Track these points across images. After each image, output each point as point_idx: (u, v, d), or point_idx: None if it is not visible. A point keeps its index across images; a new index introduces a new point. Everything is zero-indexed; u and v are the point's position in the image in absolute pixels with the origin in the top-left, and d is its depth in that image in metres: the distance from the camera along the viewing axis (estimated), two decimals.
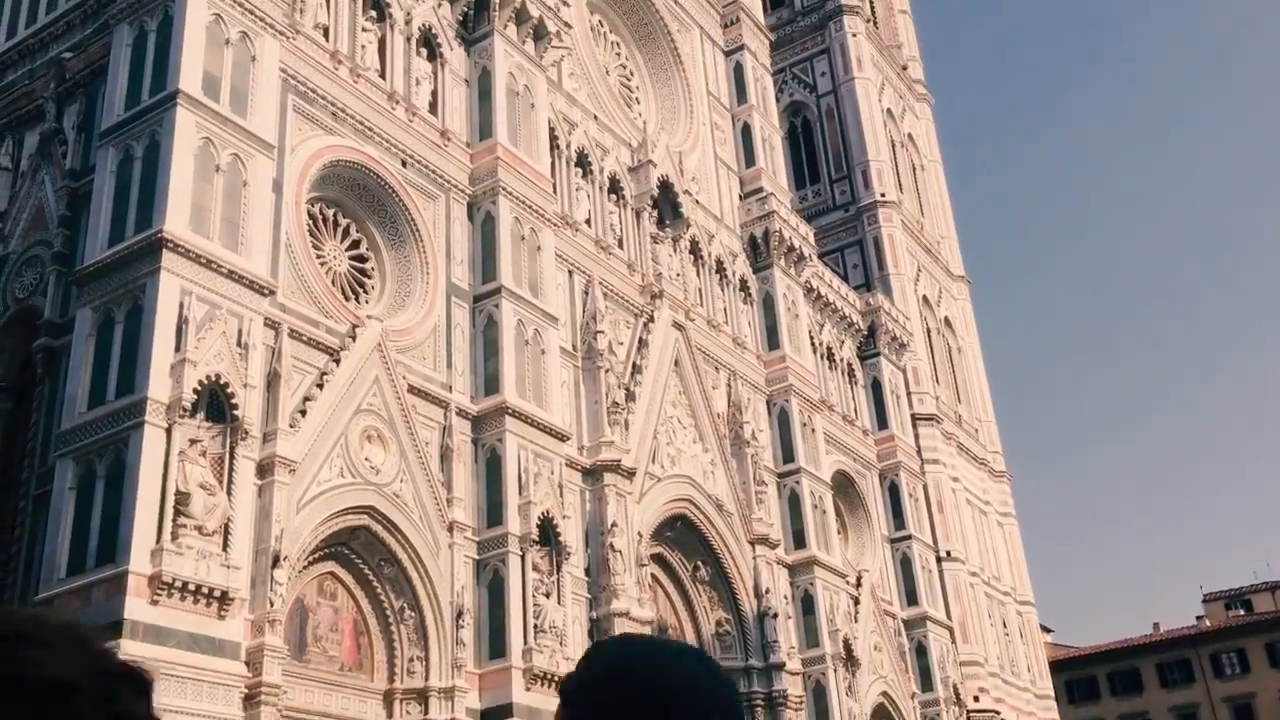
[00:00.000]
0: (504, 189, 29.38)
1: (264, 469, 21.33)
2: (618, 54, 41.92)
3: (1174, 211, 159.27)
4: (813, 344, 44.57)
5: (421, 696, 23.64)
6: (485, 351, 27.87)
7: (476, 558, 25.63)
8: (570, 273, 32.94)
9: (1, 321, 24.21)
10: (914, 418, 50.73)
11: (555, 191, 32.59)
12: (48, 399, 22.14)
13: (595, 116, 36.77)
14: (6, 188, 25.73)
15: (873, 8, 68.01)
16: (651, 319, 35.13)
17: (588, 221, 34.69)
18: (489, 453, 26.80)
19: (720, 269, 40.82)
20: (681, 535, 34.31)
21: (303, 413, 22.77)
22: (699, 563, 34.81)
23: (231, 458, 20.48)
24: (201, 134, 22.09)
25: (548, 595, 26.24)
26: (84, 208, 23.19)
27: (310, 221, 25.62)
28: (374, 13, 28.91)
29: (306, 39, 26.44)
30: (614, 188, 36.48)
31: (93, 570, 18.89)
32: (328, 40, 27.19)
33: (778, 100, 54.27)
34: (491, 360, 27.71)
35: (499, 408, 26.99)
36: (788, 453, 39.66)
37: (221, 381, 20.51)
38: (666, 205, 38.22)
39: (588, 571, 29.17)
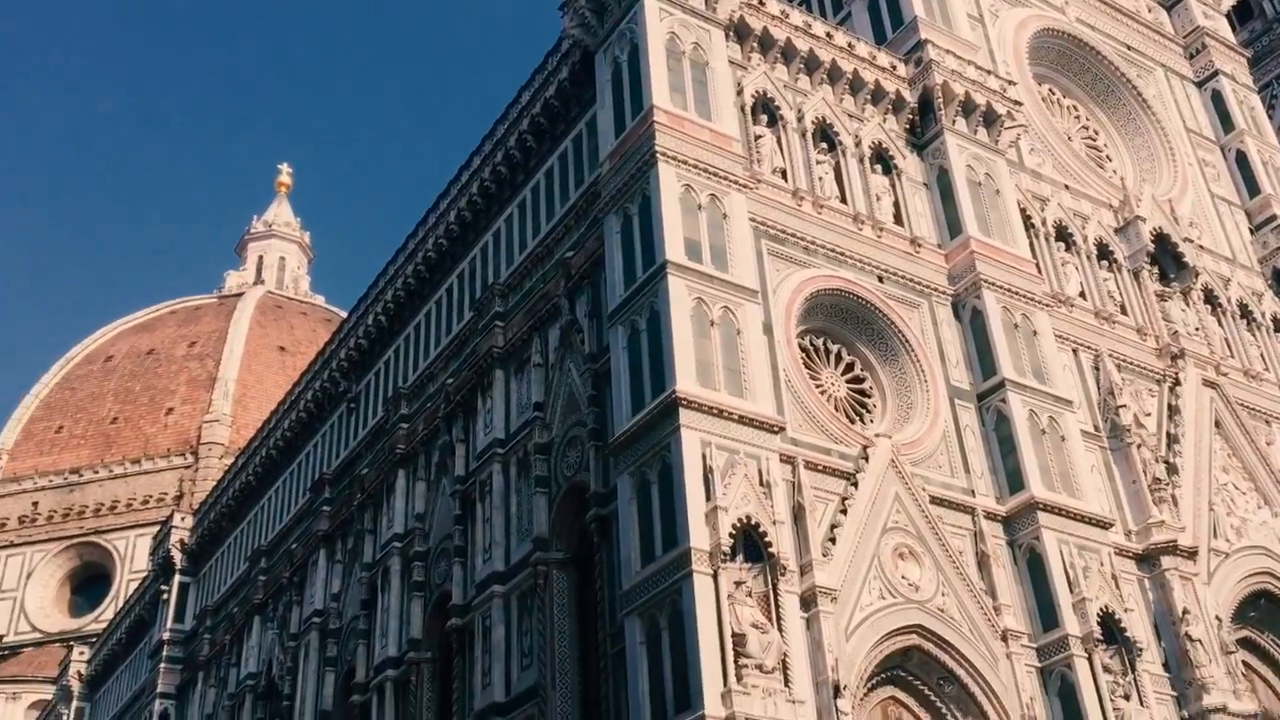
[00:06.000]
0: (986, 281, 28.69)
1: (807, 601, 21.77)
2: (1076, 117, 39.98)
3: None
4: None
5: None
6: (1001, 449, 26.91)
7: (1039, 665, 24.30)
8: (1075, 351, 31.18)
9: (557, 499, 27.00)
10: None
11: (1039, 272, 31.25)
12: (606, 563, 24.20)
13: (1066, 186, 35.11)
14: (541, 381, 29.01)
15: None
16: (1177, 382, 32.29)
17: (1081, 295, 32.82)
18: (1027, 553, 25.56)
19: (1245, 313, 36.88)
20: (1267, 614, 30.40)
21: (832, 540, 23.11)
22: None
23: (775, 594, 21.11)
24: (693, 295, 23.71)
25: (1126, 697, 24.28)
26: (606, 385, 25.59)
27: (803, 354, 26.40)
28: (824, 144, 29.87)
29: (768, 185, 27.79)
30: (1103, 253, 34.37)
31: (674, 717, 19.97)
32: (786, 181, 28.38)
33: (1269, 118, 48.98)
34: (1010, 457, 26.68)
35: (1028, 504, 25.80)
36: None
37: (753, 522, 21.35)
38: (1167, 258, 35.38)
39: (1166, 667, 26.63)
